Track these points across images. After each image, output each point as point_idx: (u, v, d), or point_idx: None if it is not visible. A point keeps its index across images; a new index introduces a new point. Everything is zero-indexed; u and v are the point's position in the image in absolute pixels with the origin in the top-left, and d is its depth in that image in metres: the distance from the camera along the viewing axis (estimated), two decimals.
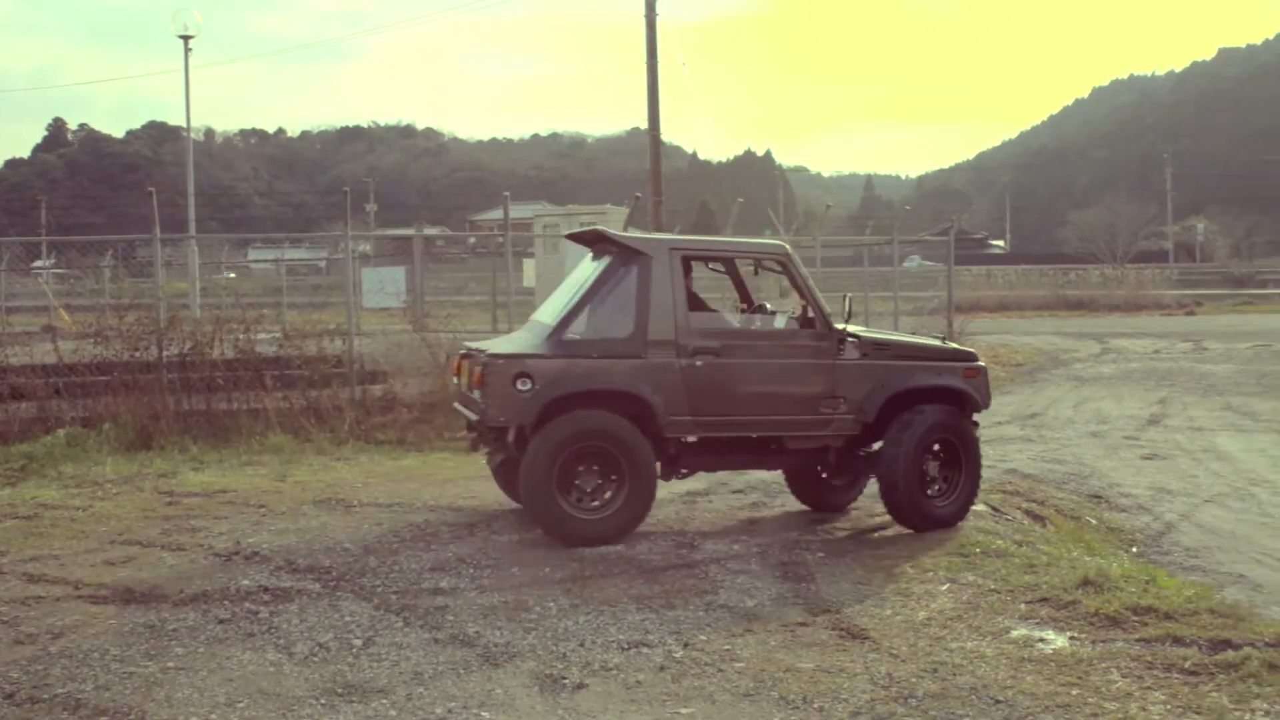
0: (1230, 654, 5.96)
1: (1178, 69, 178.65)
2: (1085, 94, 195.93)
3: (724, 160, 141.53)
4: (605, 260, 9.19)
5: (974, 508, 9.87)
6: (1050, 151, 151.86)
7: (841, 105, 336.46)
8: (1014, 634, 6.45)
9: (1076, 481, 12.46)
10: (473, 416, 9.00)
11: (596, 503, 8.54)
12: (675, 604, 7.08)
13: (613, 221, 22.39)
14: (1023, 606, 6.95)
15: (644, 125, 28.22)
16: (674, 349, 8.69)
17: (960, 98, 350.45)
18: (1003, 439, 15.05)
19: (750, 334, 9.43)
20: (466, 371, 9.07)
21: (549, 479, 8.36)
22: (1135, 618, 6.63)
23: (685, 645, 6.31)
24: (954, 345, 10.27)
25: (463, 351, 9.47)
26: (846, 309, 9.46)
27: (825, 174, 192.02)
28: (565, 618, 6.78)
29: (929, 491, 9.12)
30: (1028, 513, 10.50)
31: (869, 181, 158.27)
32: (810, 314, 9.18)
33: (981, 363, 9.79)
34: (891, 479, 9.01)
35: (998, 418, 16.73)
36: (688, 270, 9.25)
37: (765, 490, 10.87)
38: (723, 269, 10.30)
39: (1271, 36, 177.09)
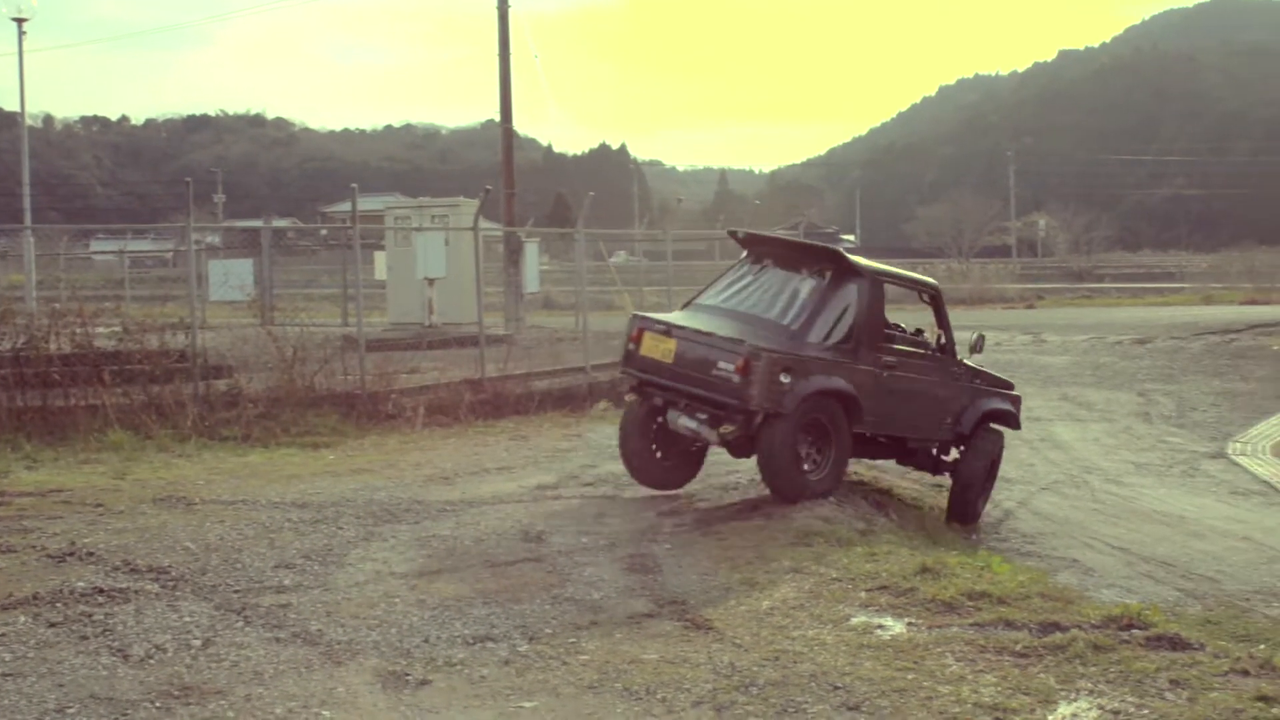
0: (1058, 636, 6.17)
1: (1020, 69, 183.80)
2: (932, 92, 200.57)
3: (579, 153, 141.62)
4: (823, 276, 10.50)
5: None
6: (899, 148, 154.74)
7: (696, 99, 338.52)
8: (854, 621, 6.58)
9: (919, 470, 12.72)
10: (666, 383, 10.25)
11: (809, 466, 10.03)
12: (522, 598, 7.08)
13: (464, 214, 22.34)
14: (863, 594, 7.09)
15: (499, 117, 28.07)
16: (873, 359, 10.31)
17: (812, 94, 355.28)
18: None
19: (915, 355, 11.03)
20: (672, 344, 10.21)
21: (795, 451, 9.86)
22: (970, 603, 6.82)
23: (530, 639, 6.31)
24: (1002, 376, 12.42)
25: (661, 326, 10.49)
26: (977, 343, 11.66)
27: (680, 168, 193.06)
28: (410, 614, 6.73)
29: None
30: (872, 502, 10.68)
31: (723, 176, 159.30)
32: (944, 341, 11.20)
33: (1017, 392, 12.19)
34: (970, 482, 11.08)
35: None
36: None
37: (615, 483, 10.93)
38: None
39: (1109, 40, 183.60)
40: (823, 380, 9.96)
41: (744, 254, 11.50)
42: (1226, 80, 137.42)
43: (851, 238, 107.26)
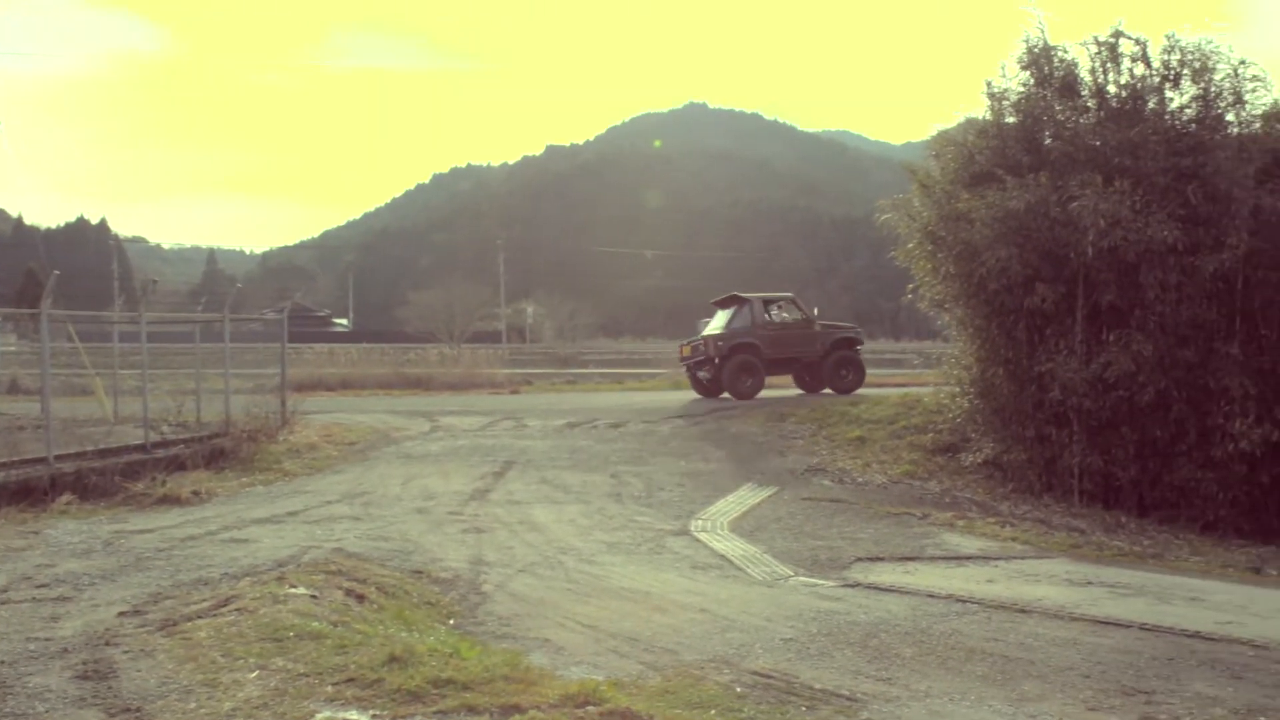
0: (517, 718, 6.34)
1: (511, 161, 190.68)
2: (426, 179, 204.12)
3: (55, 227, 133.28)
4: (733, 305, 30.88)
5: (293, 590, 9.89)
6: (392, 232, 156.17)
7: (184, 176, 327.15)
8: (318, 717, 6.49)
9: (401, 558, 12.70)
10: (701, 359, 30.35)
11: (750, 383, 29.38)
12: None
13: None
14: (329, 688, 7.00)
15: None
16: (762, 334, 29.70)
17: (308, 175, 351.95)
18: (331, 518, 15.10)
19: (791, 324, 30.55)
20: (689, 349, 31.17)
21: (733, 375, 29.17)
22: (435, 690, 6.88)
23: None
24: (845, 324, 32.50)
25: (687, 342, 31.74)
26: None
27: (166, 246, 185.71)
28: None
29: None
30: (349, 592, 10.53)
31: (212, 255, 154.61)
32: (808, 316, 30.92)
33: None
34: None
35: (327, 497, 16.82)
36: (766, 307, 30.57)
37: (74, 583, 10.25)
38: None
39: (592, 138, 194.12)
40: (737, 342, 29.10)
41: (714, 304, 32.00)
42: (695, 180, 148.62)
43: (345, 321, 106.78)
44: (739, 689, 7.95)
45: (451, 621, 10.40)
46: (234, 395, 22.42)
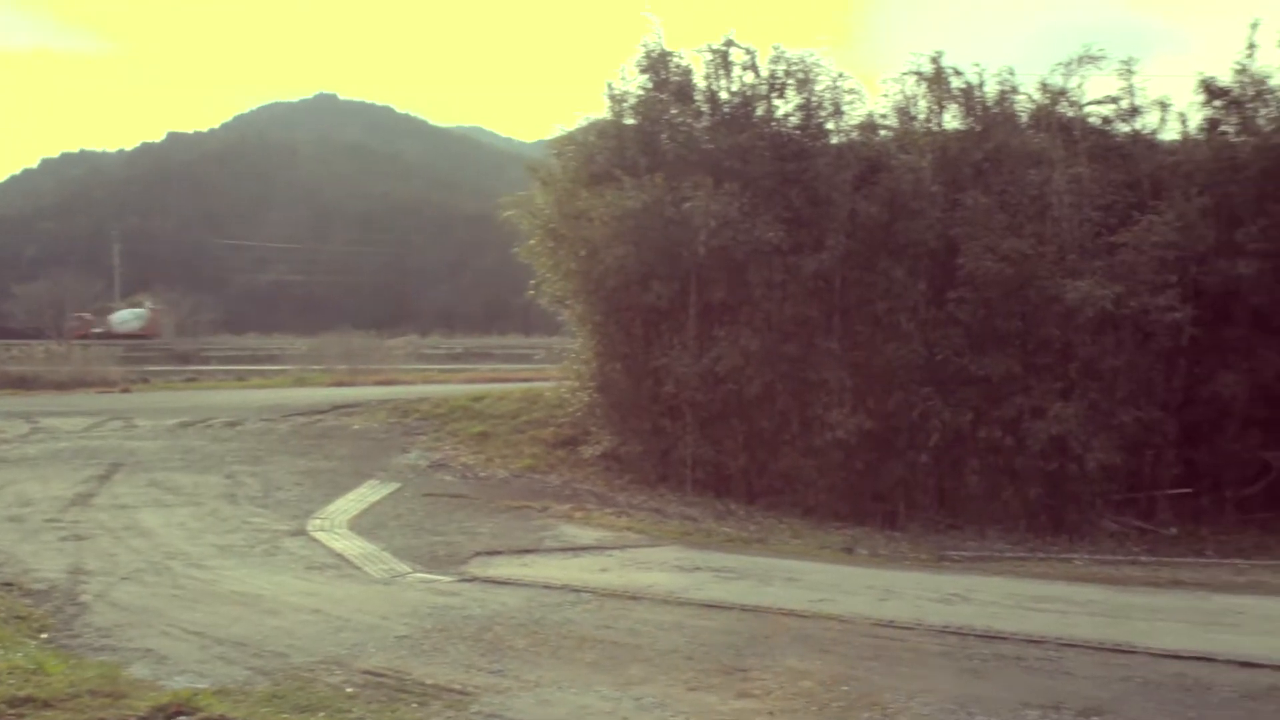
0: None
1: (128, 148, 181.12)
2: (34, 164, 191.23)
3: None
4: None
5: None
6: None
7: None
8: None
9: None
10: None
11: None
12: None
13: None
14: None
15: None
16: None
17: None
18: None
19: None
20: None
21: None
22: (12, 711, 6.48)
23: None
24: None
25: None
26: None
27: None
28: None
29: None
30: None
31: None
32: None
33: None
34: None
35: None
36: None
37: None
38: None
39: (218, 126, 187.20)
40: None
41: None
42: (325, 172, 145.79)
43: None
44: (350, 689, 7.91)
45: (44, 636, 9.85)
46: None
